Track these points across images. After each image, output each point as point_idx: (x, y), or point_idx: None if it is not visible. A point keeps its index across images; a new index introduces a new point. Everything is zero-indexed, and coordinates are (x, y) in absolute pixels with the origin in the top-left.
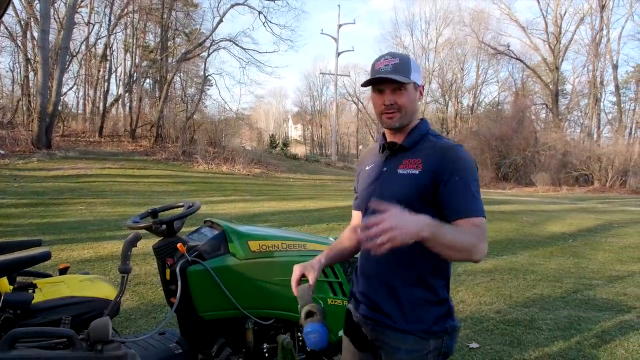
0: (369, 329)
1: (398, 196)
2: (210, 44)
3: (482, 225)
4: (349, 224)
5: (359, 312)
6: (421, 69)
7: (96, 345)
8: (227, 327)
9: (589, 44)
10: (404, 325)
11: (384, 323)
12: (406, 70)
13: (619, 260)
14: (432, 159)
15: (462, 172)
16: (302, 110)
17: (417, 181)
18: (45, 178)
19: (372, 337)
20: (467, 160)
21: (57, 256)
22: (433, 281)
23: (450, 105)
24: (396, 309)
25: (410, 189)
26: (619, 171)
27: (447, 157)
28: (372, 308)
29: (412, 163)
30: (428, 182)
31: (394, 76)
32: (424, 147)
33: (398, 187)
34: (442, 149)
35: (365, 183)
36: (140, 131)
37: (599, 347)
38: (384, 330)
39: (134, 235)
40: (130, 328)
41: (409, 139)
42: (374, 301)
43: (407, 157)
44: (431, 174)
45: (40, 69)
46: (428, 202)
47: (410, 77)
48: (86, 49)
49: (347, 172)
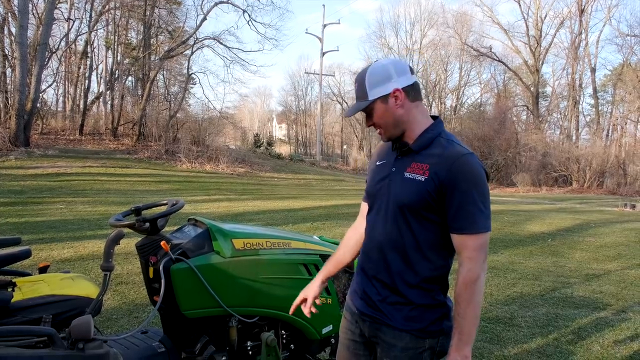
0: (367, 325)
1: (402, 200)
2: (194, 42)
3: (483, 241)
4: (333, 224)
5: (357, 308)
6: (389, 69)
7: (77, 344)
8: (211, 325)
9: (568, 47)
10: (401, 324)
11: (381, 320)
12: (363, 92)
13: (596, 259)
14: (439, 167)
15: (470, 184)
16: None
17: (422, 188)
18: (23, 176)
19: (370, 334)
20: (476, 170)
21: (37, 256)
22: (430, 286)
23: (434, 106)
24: (394, 309)
25: (415, 195)
26: (597, 172)
27: (455, 167)
28: (371, 306)
29: (419, 168)
30: (433, 191)
31: (351, 111)
32: (434, 153)
33: (403, 191)
34: (452, 157)
35: (374, 180)
36: (122, 129)
37: (575, 343)
38: (381, 327)
39: (117, 232)
40: (112, 328)
41: (419, 142)
42: (373, 300)
43: (416, 160)
44: (437, 183)
45: (18, 66)
46: (431, 209)
47: (369, 96)
48: (66, 45)
49: (332, 172)
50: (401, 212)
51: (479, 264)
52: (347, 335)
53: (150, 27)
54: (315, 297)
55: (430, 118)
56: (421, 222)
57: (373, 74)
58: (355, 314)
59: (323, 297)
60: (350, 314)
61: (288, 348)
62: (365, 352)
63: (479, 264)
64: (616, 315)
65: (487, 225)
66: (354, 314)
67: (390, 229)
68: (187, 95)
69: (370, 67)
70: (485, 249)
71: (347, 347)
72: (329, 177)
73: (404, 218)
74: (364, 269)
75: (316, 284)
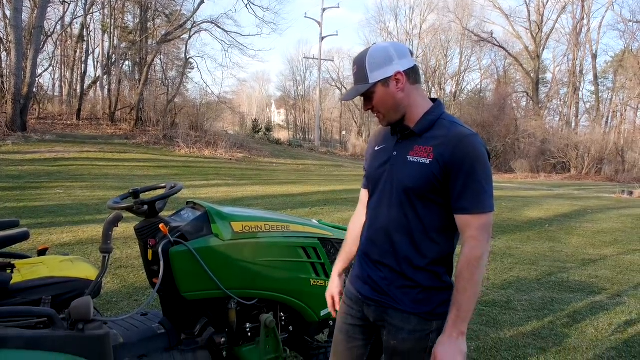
0: (372, 310)
1: (406, 183)
2: (191, 26)
3: (487, 221)
4: (332, 209)
5: (361, 293)
6: (391, 52)
7: (77, 325)
8: (210, 307)
9: (569, 33)
10: (409, 307)
11: (388, 304)
12: (363, 75)
13: (592, 245)
14: (444, 148)
15: (474, 164)
16: (286, 95)
17: (427, 170)
18: (21, 161)
19: (376, 318)
20: (480, 151)
21: (36, 240)
22: (437, 268)
23: (433, 92)
24: (402, 292)
25: (420, 178)
26: (595, 159)
27: (460, 147)
28: (377, 290)
29: (423, 151)
30: (438, 172)
31: (350, 95)
32: (437, 134)
33: (407, 175)
34: (456, 138)
35: (375, 165)
36: (119, 114)
37: (570, 326)
38: (387, 310)
39: (115, 214)
40: (112, 310)
41: (420, 124)
42: (379, 284)
43: (418, 143)
44: (442, 164)
45: (13, 49)
46: (437, 191)
47: (370, 79)
48: (62, 29)
49: (330, 157)
50: (406, 195)
51: (483, 243)
52: (346, 320)
53: (147, 10)
54: (340, 292)
55: (430, 101)
56: (426, 205)
57: (374, 57)
58: (359, 300)
59: (321, 280)
60: (350, 299)
61: (287, 330)
62: (363, 337)
63: (483, 243)
64: (611, 299)
65: (490, 205)
66: (357, 299)
67: (395, 212)
68: (185, 80)
69: (371, 50)
70: (489, 229)
71: (345, 332)
72: (328, 163)
73: (409, 201)
74: (368, 254)
75: (335, 281)
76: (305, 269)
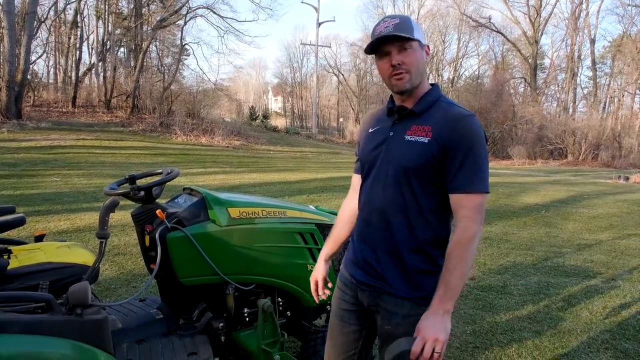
0: (366, 294)
1: (405, 163)
2: (187, 12)
3: (482, 202)
4: (329, 196)
5: (355, 278)
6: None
7: (75, 309)
8: (208, 293)
9: (568, 17)
10: (403, 292)
11: (382, 289)
12: (408, 28)
13: (588, 230)
14: (442, 128)
15: (472, 145)
16: (282, 82)
17: (426, 149)
18: (16, 149)
19: (369, 302)
20: (477, 132)
21: (33, 227)
22: (432, 251)
23: (431, 78)
24: (396, 276)
25: (418, 157)
26: (592, 145)
27: (458, 128)
28: (371, 275)
29: (421, 130)
30: (436, 151)
31: (398, 33)
32: (435, 115)
33: (405, 154)
34: (454, 118)
35: (369, 147)
36: (115, 102)
37: (565, 310)
38: (381, 295)
39: (112, 200)
40: (110, 297)
41: (420, 104)
42: (374, 268)
43: (416, 123)
44: (440, 144)
45: (6, 35)
46: (434, 170)
47: (414, 35)
48: (55, 14)
49: (328, 145)
50: (405, 175)
51: (476, 224)
52: (341, 305)
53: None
54: (324, 277)
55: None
56: (423, 186)
57: (414, 21)
58: (353, 284)
59: None
60: (344, 284)
61: (284, 315)
62: (358, 322)
63: (476, 224)
64: (606, 283)
65: (485, 186)
66: (351, 283)
67: (391, 193)
68: (181, 67)
69: (408, 15)
70: (482, 210)
71: (340, 317)
72: (325, 150)
73: (407, 181)
74: (362, 237)
75: (321, 266)
76: (303, 255)
